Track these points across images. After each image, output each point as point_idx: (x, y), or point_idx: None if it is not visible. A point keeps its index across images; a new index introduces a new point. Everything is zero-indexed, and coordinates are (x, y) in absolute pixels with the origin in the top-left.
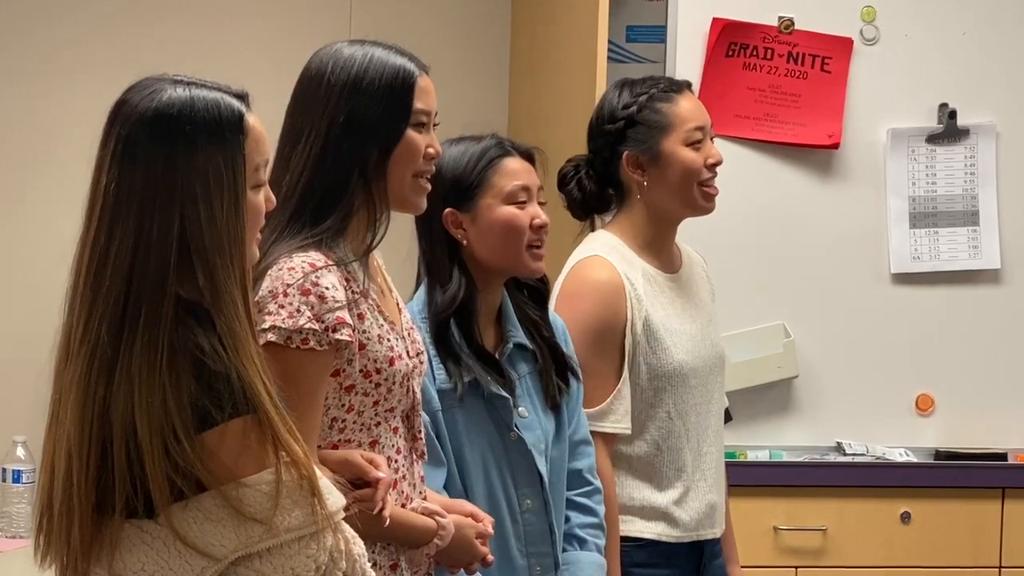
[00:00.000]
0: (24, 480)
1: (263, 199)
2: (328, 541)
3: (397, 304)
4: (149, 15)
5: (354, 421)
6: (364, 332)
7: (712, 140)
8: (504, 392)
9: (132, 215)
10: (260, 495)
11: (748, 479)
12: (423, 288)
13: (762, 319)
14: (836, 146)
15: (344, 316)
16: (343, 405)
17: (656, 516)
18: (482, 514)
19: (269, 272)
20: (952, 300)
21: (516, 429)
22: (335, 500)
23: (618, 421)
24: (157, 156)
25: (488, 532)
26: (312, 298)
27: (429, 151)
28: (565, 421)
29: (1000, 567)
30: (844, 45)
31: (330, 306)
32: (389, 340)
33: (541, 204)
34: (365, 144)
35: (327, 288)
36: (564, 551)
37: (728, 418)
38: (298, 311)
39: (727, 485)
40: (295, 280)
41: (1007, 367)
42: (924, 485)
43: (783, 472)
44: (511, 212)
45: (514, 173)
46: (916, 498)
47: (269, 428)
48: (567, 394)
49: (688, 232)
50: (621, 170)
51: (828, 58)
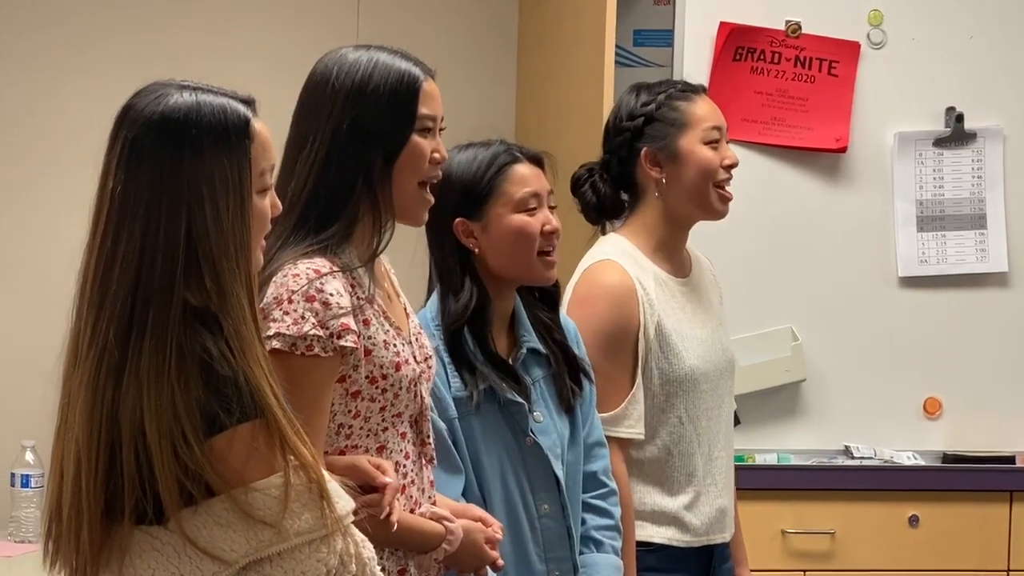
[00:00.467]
0: (33, 485)
1: (269, 204)
2: (338, 545)
3: (405, 309)
4: (157, 20)
5: (361, 427)
6: (370, 338)
7: (728, 143)
8: (519, 398)
9: (139, 219)
10: (269, 499)
11: (756, 482)
12: (436, 295)
13: (770, 322)
14: (843, 150)
15: (349, 322)
16: (350, 411)
17: (667, 521)
18: (491, 519)
19: (274, 279)
20: (959, 303)
21: (532, 434)
22: (344, 504)
23: (632, 426)
24: (163, 160)
25: (497, 537)
26: (316, 304)
27: (435, 156)
28: (579, 424)
29: (1008, 570)
30: (851, 49)
31: (334, 312)
32: (395, 345)
33: (551, 208)
34: (370, 149)
35: (331, 294)
36: (581, 553)
37: (736, 421)
38: (302, 317)
39: (735, 488)
40: (300, 286)
41: (1015, 370)
42: (932, 488)
43: (791, 475)
44: (522, 221)
45: (524, 179)
46: (924, 501)
47: (277, 431)
48: (580, 397)
49: (696, 236)
50: (638, 168)
51: (835, 62)
